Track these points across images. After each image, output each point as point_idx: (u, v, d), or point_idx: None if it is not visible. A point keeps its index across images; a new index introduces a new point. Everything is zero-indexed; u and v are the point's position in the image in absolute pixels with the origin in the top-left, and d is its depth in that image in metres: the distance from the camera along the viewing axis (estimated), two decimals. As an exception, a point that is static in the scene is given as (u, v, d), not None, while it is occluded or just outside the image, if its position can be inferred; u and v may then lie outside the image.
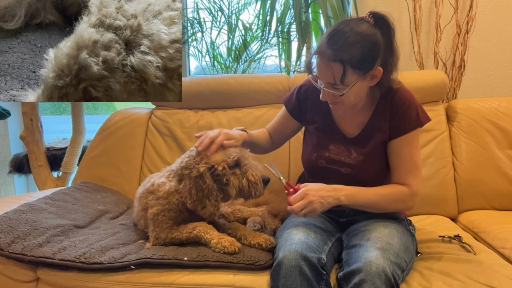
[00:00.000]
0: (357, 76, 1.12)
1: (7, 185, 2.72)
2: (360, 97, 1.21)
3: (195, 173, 1.17)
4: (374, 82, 1.17)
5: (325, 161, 1.30)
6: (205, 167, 1.17)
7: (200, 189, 1.17)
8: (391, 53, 1.16)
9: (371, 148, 1.25)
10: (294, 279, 1.01)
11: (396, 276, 1.00)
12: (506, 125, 1.72)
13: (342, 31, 1.10)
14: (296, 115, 1.40)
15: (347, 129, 1.30)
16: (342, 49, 1.08)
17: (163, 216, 1.24)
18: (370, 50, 1.10)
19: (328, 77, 1.12)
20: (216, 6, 2.37)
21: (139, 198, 1.35)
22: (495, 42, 2.13)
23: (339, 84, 1.12)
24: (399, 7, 2.15)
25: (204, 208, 1.18)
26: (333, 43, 1.09)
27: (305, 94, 1.37)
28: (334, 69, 1.10)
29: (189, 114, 1.96)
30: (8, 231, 1.24)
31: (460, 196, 1.70)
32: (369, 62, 1.11)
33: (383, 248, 1.04)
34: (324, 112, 1.33)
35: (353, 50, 1.08)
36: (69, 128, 2.36)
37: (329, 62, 1.10)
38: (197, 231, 1.20)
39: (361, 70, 1.11)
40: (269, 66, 2.58)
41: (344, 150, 1.28)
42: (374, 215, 1.25)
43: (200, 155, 1.20)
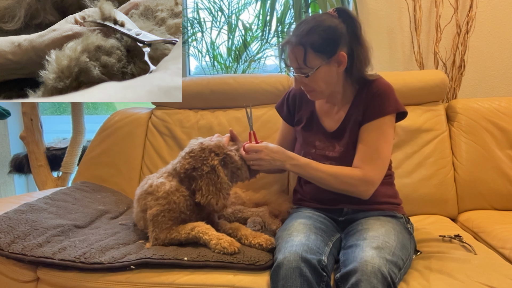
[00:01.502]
0: (320, 60, 1.21)
1: (7, 185, 2.72)
2: (332, 84, 1.27)
3: (207, 169, 1.20)
4: (342, 69, 1.24)
5: (312, 157, 1.33)
6: (218, 159, 1.21)
7: (213, 183, 1.20)
8: (357, 43, 1.23)
9: (349, 138, 1.30)
10: (294, 280, 1.01)
11: (393, 275, 1.00)
12: (506, 125, 1.72)
13: (305, 21, 1.23)
14: (289, 121, 1.49)
15: (328, 124, 1.36)
16: (303, 34, 1.19)
17: (162, 216, 1.24)
18: (329, 35, 1.19)
19: (294, 62, 1.23)
20: (216, 6, 2.36)
21: (137, 199, 1.35)
22: (495, 42, 2.13)
23: (304, 67, 1.21)
24: (399, 7, 2.15)
25: (218, 202, 1.20)
26: (296, 30, 1.22)
27: (293, 98, 1.47)
28: (297, 53, 1.21)
29: (189, 114, 1.96)
30: (8, 231, 1.24)
31: (460, 196, 1.70)
32: (330, 46, 1.20)
33: (379, 247, 1.05)
34: (310, 110, 1.40)
35: (313, 34, 1.19)
36: (69, 128, 2.36)
37: (293, 48, 1.22)
38: (195, 232, 1.20)
39: (323, 53, 1.20)
40: (269, 66, 2.58)
41: (329, 145, 1.33)
42: (372, 214, 1.26)
43: (206, 149, 1.22)
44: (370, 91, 1.28)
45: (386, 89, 1.27)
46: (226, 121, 1.90)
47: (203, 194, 1.20)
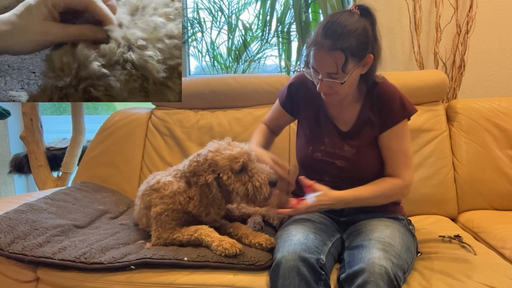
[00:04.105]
0: (354, 63, 1.16)
1: (7, 185, 2.72)
2: (353, 86, 1.25)
3: (202, 181, 1.19)
4: (365, 70, 1.22)
5: (321, 154, 1.31)
6: (212, 177, 1.18)
7: (205, 196, 1.19)
8: (375, 41, 1.21)
9: (362, 141, 1.28)
10: (292, 279, 1.01)
11: (398, 278, 1.00)
12: (506, 125, 1.72)
13: (337, 21, 1.14)
14: (290, 110, 1.45)
15: (340, 123, 1.33)
16: (342, 38, 1.12)
17: (166, 216, 1.24)
18: (364, 38, 1.15)
19: (330, 67, 1.15)
20: (216, 6, 2.37)
21: (141, 195, 1.34)
22: (495, 42, 2.13)
23: (340, 73, 1.15)
24: (399, 7, 2.15)
25: (207, 215, 1.20)
26: (331, 33, 1.13)
27: (296, 90, 1.42)
28: (337, 58, 1.13)
29: (189, 114, 1.96)
30: (8, 231, 1.24)
31: (460, 196, 1.70)
32: (364, 50, 1.16)
33: (385, 249, 1.05)
34: (316, 106, 1.37)
35: (351, 38, 1.13)
36: (69, 128, 2.36)
37: (330, 52, 1.13)
38: (198, 234, 1.20)
39: (357, 57, 1.16)
40: (269, 66, 2.58)
41: (338, 143, 1.31)
42: (374, 214, 1.27)
43: (208, 161, 1.20)
44: (380, 97, 1.26)
45: (395, 93, 1.27)
46: (226, 121, 1.90)
47: (195, 204, 1.20)
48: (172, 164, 1.87)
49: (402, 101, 1.26)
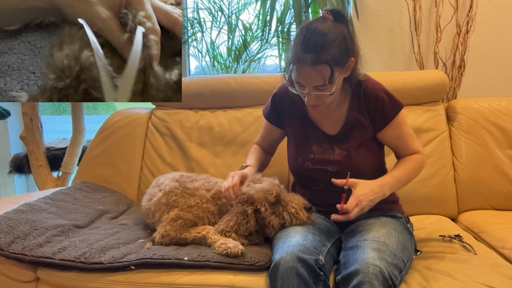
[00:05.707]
0: (339, 72, 1.17)
1: (7, 185, 2.72)
2: (338, 91, 1.25)
3: (240, 210, 1.22)
4: (348, 73, 1.22)
5: (311, 163, 1.31)
6: (252, 209, 1.21)
7: (239, 223, 1.21)
8: (353, 43, 1.20)
9: (353, 143, 1.28)
10: (291, 280, 1.01)
11: (394, 277, 1.00)
12: (506, 125, 1.72)
13: (315, 33, 1.12)
14: (276, 123, 1.45)
15: (327, 127, 1.33)
16: (324, 50, 1.10)
17: (184, 223, 1.26)
18: (344, 45, 1.15)
19: (317, 81, 1.14)
20: (216, 6, 2.37)
21: (168, 191, 1.31)
22: (495, 42, 2.13)
23: (327, 84, 1.15)
24: (399, 7, 2.15)
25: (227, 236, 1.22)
26: (311, 46, 1.11)
27: (280, 101, 1.41)
28: (322, 71, 1.12)
29: (189, 114, 1.96)
30: (8, 231, 1.24)
31: (460, 196, 1.70)
32: (346, 56, 1.16)
33: (380, 249, 1.05)
34: (301, 115, 1.36)
35: (332, 48, 1.11)
36: (69, 128, 2.36)
37: (315, 66, 1.11)
38: (205, 232, 1.22)
39: (341, 65, 1.16)
40: (269, 66, 2.58)
41: (327, 148, 1.30)
42: (372, 213, 1.26)
43: (245, 195, 1.23)
44: (367, 97, 1.27)
45: (382, 89, 1.28)
46: (226, 121, 1.90)
47: (220, 223, 1.24)
48: (172, 164, 1.88)
49: (390, 96, 1.27)
